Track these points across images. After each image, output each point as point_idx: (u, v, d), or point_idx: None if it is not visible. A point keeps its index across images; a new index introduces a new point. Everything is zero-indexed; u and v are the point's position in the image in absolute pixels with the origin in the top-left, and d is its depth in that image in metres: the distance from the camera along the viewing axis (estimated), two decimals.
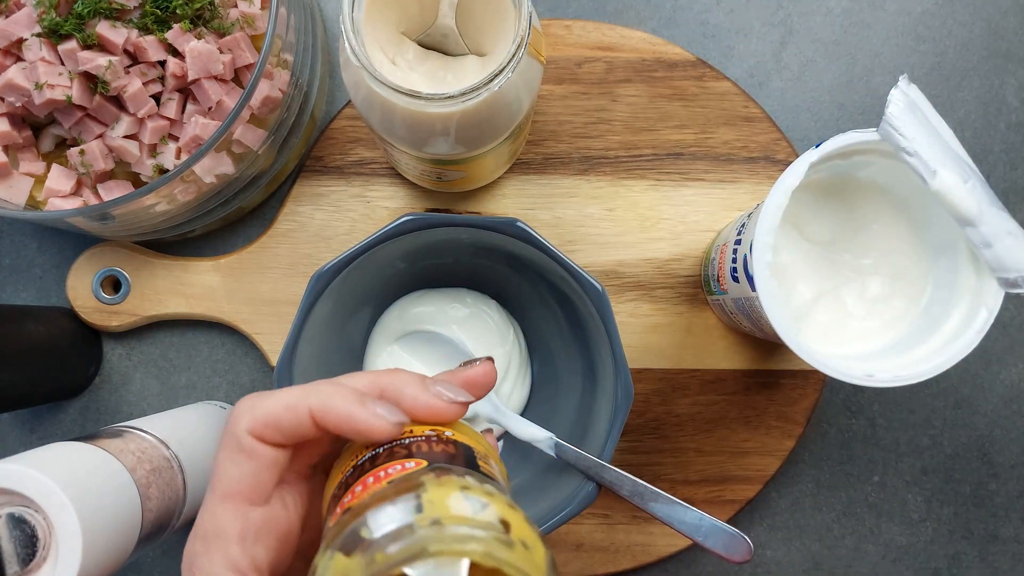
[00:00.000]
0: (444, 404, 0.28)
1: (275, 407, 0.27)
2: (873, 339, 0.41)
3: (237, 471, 0.27)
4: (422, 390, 0.28)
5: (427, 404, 0.28)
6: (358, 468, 0.26)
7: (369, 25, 0.37)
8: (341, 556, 0.22)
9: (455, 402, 0.28)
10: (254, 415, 0.27)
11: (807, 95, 0.53)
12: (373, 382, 0.28)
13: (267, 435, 0.27)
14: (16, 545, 0.32)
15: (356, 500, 0.24)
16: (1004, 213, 0.35)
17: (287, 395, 0.27)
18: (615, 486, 0.40)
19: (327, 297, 0.41)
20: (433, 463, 0.25)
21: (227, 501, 0.27)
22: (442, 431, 0.28)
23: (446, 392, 0.28)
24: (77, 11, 0.42)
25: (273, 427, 0.27)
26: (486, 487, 0.24)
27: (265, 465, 0.27)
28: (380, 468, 0.25)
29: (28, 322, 0.47)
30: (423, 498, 0.23)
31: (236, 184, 0.47)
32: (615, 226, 0.51)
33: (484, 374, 0.31)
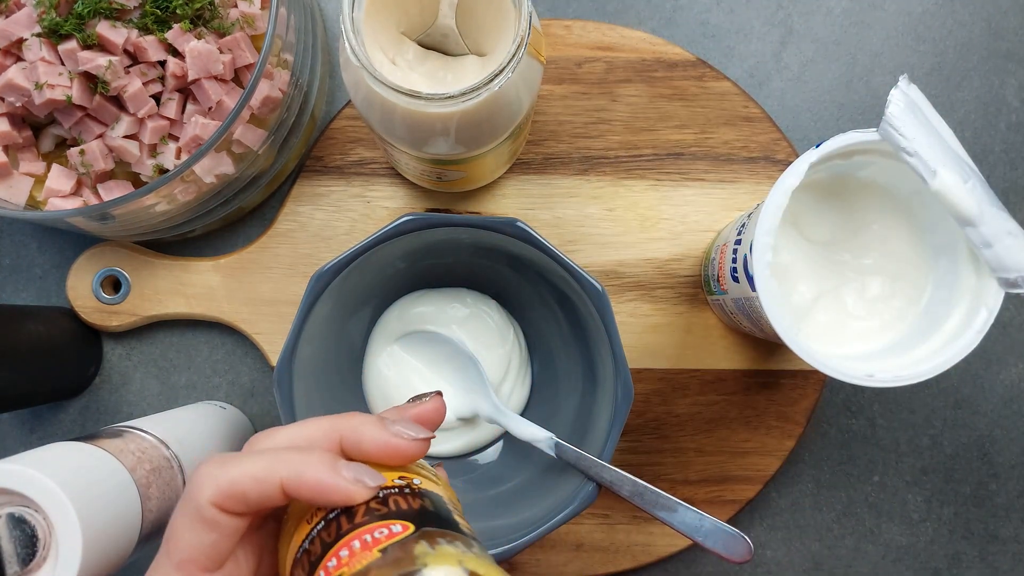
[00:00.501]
0: (406, 443, 0.27)
1: (242, 478, 0.26)
2: (873, 339, 0.41)
3: (196, 539, 0.26)
4: (382, 430, 0.27)
5: (389, 445, 0.27)
6: (331, 523, 0.26)
7: (369, 25, 0.37)
8: None
9: (417, 439, 0.28)
10: (219, 485, 0.26)
11: (807, 95, 0.53)
12: (332, 428, 0.28)
13: (231, 506, 0.26)
14: (16, 545, 0.32)
15: (348, 569, 0.24)
16: (1004, 213, 0.35)
17: (253, 465, 0.26)
18: (615, 486, 0.40)
19: (327, 297, 0.41)
20: (419, 526, 0.25)
21: (181, 569, 0.26)
22: (411, 479, 0.28)
23: (407, 431, 0.28)
24: (77, 11, 0.42)
25: (239, 499, 0.26)
26: (476, 552, 0.24)
27: (227, 535, 0.26)
28: (363, 530, 0.25)
29: (28, 322, 0.47)
30: (425, 573, 0.23)
31: (236, 184, 0.47)
32: (615, 226, 0.51)
33: (434, 410, 0.30)
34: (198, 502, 0.26)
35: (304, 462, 0.26)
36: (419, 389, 0.47)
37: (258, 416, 0.52)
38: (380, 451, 0.27)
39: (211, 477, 0.26)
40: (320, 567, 0.24)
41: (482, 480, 0.47)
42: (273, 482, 0.25)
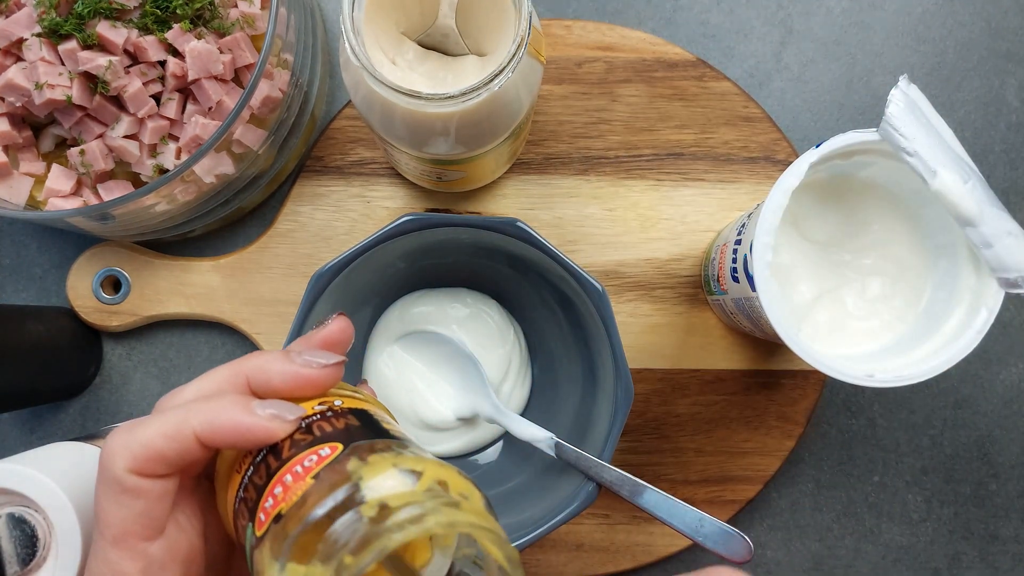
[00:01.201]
0: (316, 371, 0.26)
1: (154, 438, 0.25)
2: (873, 339, 0.41)
3: (124, 511, 0.25)
4: (289, 363, 0.26)
5: (300, 375, 0.26)
6: (259, 466, 0.25)
7: (369, 25, 0.37)
8: (296, 566, 0.22)
9: (327, 365, 0.26)
10: (132, 451, 0.25)
11: (807, 95, 0.53)
12: (235, 372, 0.27)
13: (151, 469, 0.25)
14: (16, 545, 0.32)
15: (285, 503, 0.23)
16: (1004, 213, 0.35)
17: (164, 423, 0.25)
18: (615, 486, 0.40)
19: (327, 297, 0.41)
20: (348, 444, 0.24)
21: (120, 545, 0.25)
22: (331, 401, 0.27)
23: (315, 359, 0.26)
24: (77, 11, 0.42)
25: (156, 460, 0.25)
26: (410, 452, 0.24)
27: (155, 499, 0.25)
28: (293, 462, 0.24)
29: (28, 322, 0.47)
30: (361, 486, 0.22)
31: (236, 184, 0.47)
32: (615, 226, 0.51)
33: (340, 330, 0.28)
34: (114, 473, 0.25)
35: (215, 408, 0.25)
36: (419, 389, 0.47)
37: None
38: (292, 384, 0.26)
39: (122, 445, 0.25)
40: (259, 510, 0.24)
41: (482, 480, 0.47)
42: (187, 435, 0.25)
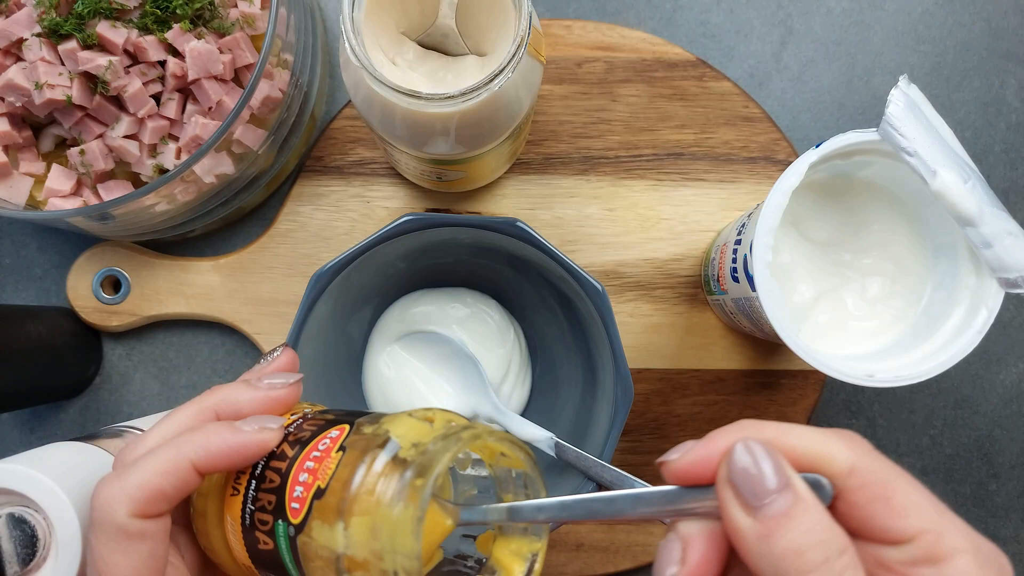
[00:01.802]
0: (281, 391, 0.28)
1: (151, 478, 0.25)
2: (873, 339, 0.41)
3: (133, 558, 0.25)
4: (253, 390, 0.28)
5: (269, 398, 0.28)
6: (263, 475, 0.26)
7: (369, 25, 0.37)
8: (359, 519, 0.24)
9: (289, 384, 0.29)
10: (130, 495, 0.25)
11: (807, 95, 0.53)
12: (201, 409, 0.28)
13: (153, 508, 0.25)
14: (16, 545, 0.32)
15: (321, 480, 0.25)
16: (1004, 213, 0.35)
17: (156, 461, 0.25)
18: (615, 486, 0.40)
19: (327, 297, 0.41)
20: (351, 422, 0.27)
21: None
22: (302, 411, 0.29)
23: (277, 380, 0.29)
24: (77, 11, 0.42)
25: (157, 498, 0.25)
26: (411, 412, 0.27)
27: (159, 540, 0.25)
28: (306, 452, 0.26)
29: (28, 322, 0.47)
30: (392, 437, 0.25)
31: (236, 184, 0.47)
32: (615, 226, 0.51)
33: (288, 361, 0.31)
34: (116, 521, 0.25)
35: (205, 435, 0.26)
36: (419, 389, 0.47)
37: None
38: (261, 407, 0.28)
39: (118, 492, 0.25)
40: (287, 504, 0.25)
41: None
42: (184, 467, 0.25)
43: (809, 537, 0.22)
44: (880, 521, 0.24)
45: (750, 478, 0.23)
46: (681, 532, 0.25)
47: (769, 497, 0.23)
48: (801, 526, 0.22)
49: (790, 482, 0.23)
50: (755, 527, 0.23)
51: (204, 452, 0.25)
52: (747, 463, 0.23)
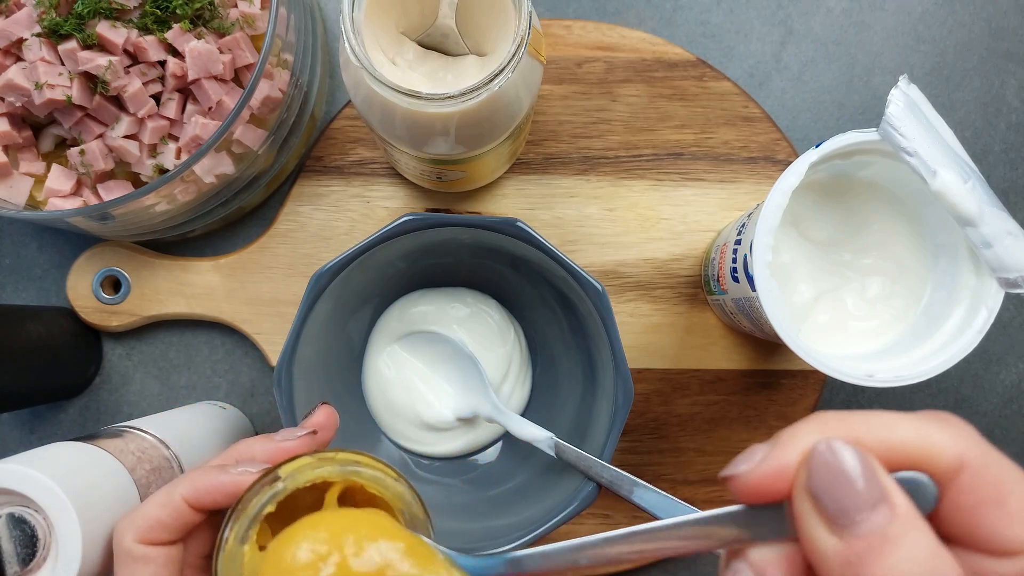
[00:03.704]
0: (293, 443, 0.31)
1: (151, 509, 0.29)
2: (873, 339, 0.41)
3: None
4: (268, 442, 0.31)
5: (279, 448, 0.31)
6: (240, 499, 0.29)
7: (369, 25, 0.37)
8: (233, 538, 0.27)
9: (302, 436, 0.32)
10: (136, 525, 0.29)
11: (807, 95, 0.53)
12: (225, 455, 0.31)
13: (154, 536, 0.29)
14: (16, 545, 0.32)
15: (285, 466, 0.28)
16: (1004, 213, 0.35)
17: (157, 495, 0.30)
18: (615, 486, 0.40)
19: (327, 297, 0.41)
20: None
21: None
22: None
23: (288, 434, 0.32)
24: (77, 11, 0.42)
25: (157, 527, 0.29)
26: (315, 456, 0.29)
27: (163, 564, 0.29)
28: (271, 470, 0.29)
29: (28, 322, 0.47)
30: (278, 471, 0.28)
31: (236, 184, 0.47)
32: (615, 226, 0.51)
33: (327, 416, 0.34)
34: (124, 546, 0.29)
35: (196, 475, 0.30)
36: (419, 389, 0.47)
37: (258, 416, 0.52)
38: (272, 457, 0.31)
39: (127, 522, 0.30)
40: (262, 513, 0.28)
41: (482, 480, 0.47)
42: (176, 500, 0.29)
43: (911, 567, 0.18)
44: (989, 529, 0.20)
45: (835, 488, 0.19)
46: (754, 561, 0.21)
47: (860, 514, 0.19)
48: (901, 551, 0.18)
49: (886, 493, 0.19)
50: (842, 549, 0.19)
51: (192, 488, 0.29)
52: (831, 469, 0.19)
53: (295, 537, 0.25)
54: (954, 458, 0.20)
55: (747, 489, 0.21)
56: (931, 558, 0.18)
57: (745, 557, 0.21)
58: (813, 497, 0.19)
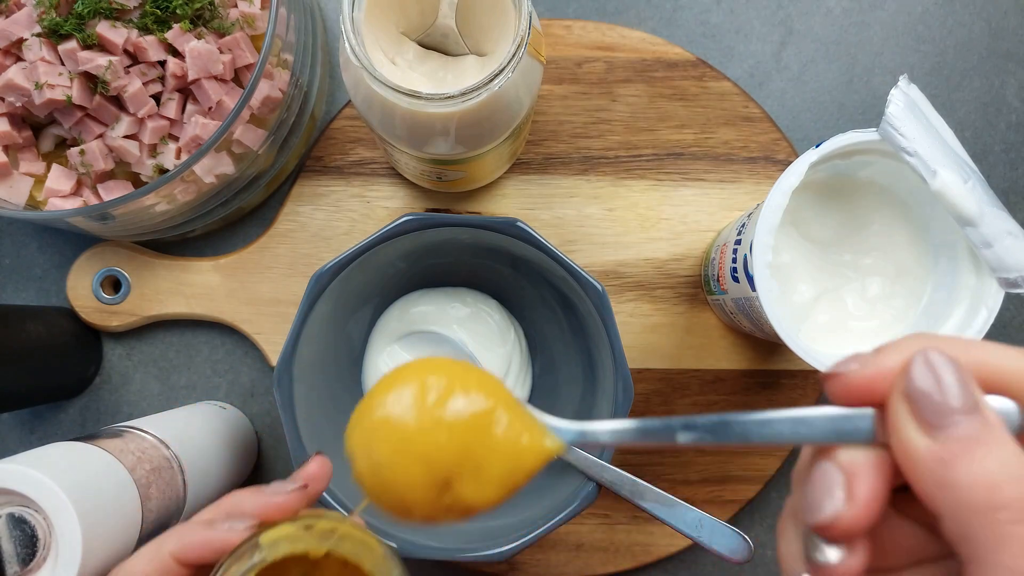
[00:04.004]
0: (284, 497, 0.31)
1: (137, 564, 0.29)
2: (873, 339, 0.41)
3: None
4: (259, 495, 0.31)
5: (269, 503, 0.31)
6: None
7: (369, 25, 0.37)
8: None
9: (293, 490, 0.31)
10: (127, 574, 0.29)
11: (807, 95, 0.53)
12: (215, 509, 0.31)
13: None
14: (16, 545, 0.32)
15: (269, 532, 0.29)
16: (1004, 213, 0.35)
17: (144, 550, 0.29)
18: (615, 486, 0.40)
19: (327, 297, 0.41)
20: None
21: None
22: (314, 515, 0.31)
23: (279, 487, 0.31)
24: (77, 11, 0.42)
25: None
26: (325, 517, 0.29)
27: None
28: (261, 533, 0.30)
29: (28, 322, 0.47)
30: (258, 539, 0.28)
31: (236, 184, 0.47)
32: (615, 226, 0.51)
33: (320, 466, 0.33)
34: None
35: (183, 530, 0.29)
36: None
37: (258, 416, 0.52)
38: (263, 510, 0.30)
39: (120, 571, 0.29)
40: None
41: None
42: (164, 555, 0.29)
43: (1005, 469, 0.19)
44: None
45: (932, 393, 0.20)
46: (843, 461, 0.22)
47: (955, 416, 0.20)
48: (993, 454, 0.19)
49: (979, 403, 0.20)
50: (935, 449, 0.20)
51: (179, 544, 0.29)
52: (929, 376, 0.20)
53: None
54: None
55: (847, 389, 0.22)
56: (1019, 463, 0.19)
57: (833, 457, 0.22)
58: (910, 400, 0.20)
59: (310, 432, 0.41)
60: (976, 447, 0.19)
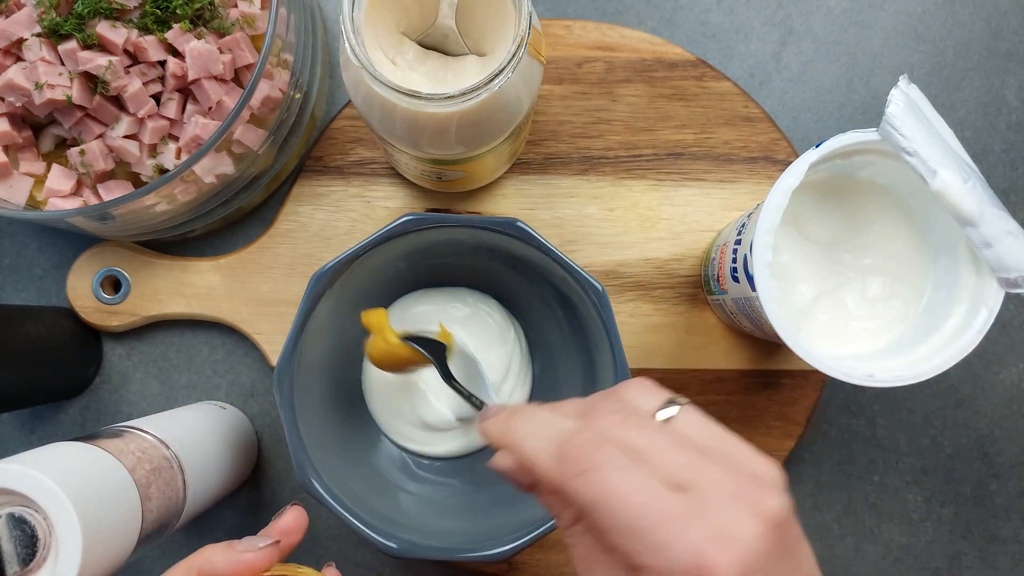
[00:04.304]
0: (255, 554, 0.32)
1: None
2: (873, 339, 0.41)
3: None
4: (230, 552, 0.32)
5: (240, 561, 0.31)
6: None
7: (369, 25, 0.37)
8: None
9: (264, 547, 0.32)
10: None
11: (807, 95, 0.53)
12: (188, 569, 0.31)
13: None
14: (16, 545, 0.32)
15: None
16: (1004, 213, 0.35)
17: None
18: None
19: (327, 297, 0.41)
20: None
21: None
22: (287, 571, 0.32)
23: (251, 544, 0.32)
24: (77, 11, 0.42)
25: None
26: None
27: None
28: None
29: (28, 322, 0.47)
30: None
31: (236, 184, 0.47)
32: (615, 226, 0.51)
33: (295, 518, 0.34)
34: None
35: None
36: (419, 389, 0.47)
37: (258, 416, 0.52)
38: (234, 568, 0.31)
39: None
40: None
41: (482, 480, 0.47)
42: None
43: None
44: None
45: None
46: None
47: None
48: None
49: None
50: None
51: None
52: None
53: None
54: None
55: None
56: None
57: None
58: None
59: (310, 432, 0.41)
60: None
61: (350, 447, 0.45)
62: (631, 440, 0.25)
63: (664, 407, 0.27)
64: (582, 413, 0.27)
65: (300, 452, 0.40)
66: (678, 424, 0.27)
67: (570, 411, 0.28)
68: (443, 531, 0.42)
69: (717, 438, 0.27)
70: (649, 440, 0.25)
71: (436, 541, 0.40)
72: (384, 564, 0.52)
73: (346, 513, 0.39)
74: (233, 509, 0.52)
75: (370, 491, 0.43)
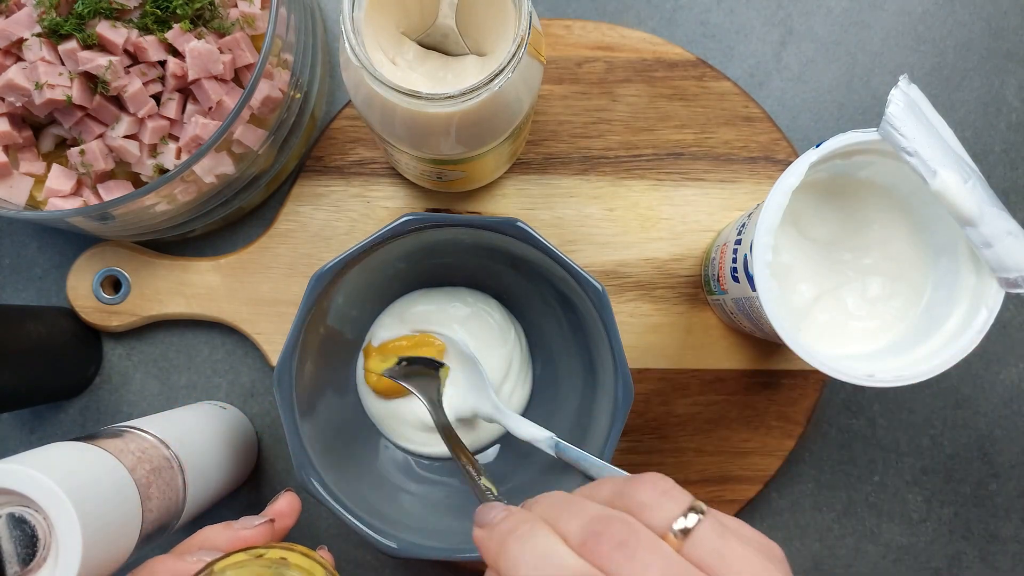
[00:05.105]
0: (251, 531, 0.34)
1: None
2: (873, 339, 0.41)
3: None
4: (228, 530, 0.33)
5: (237, 537, 0.33)
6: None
7: (369, 25, 0.37)
8: None
9: (259, 524, 0.34)
10: None
11: (807, 95, 0.53)
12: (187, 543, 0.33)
13: None
14: (16, 545, 0.32)
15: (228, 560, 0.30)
16: (1004, 213, 0.35)
17: None
18: None
19: (327, 297, 0.41)
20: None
21: None
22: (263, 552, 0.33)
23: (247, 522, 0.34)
24: (77, 11, 0.42)
25: None
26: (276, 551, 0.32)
27: None
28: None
29: (28, 322, 0.47)
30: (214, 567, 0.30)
31: (236, 184, 0.47)
32: (615, 226, 0.51)
33: (289, 503, 0.36)
34: None
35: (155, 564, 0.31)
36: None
37: (258, 416, 0.52)
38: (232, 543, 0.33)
39: None
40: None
41: None
42: None
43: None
44: None
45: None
46: None
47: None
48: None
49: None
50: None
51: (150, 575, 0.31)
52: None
53: None
54: None
55: None
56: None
57: None
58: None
59: (310, 432, 0.41)
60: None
61: (350, 447, 0.45)
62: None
63: (684, 515, 0.26)
64: (591, 533, 0.24)
65: (300, 452, 0.40)
66: (696, 542, 0.25)
67: (576, 530, 0.25)
68: (443, 531, 0.42)
69: (737, 560, 0.24)
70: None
71: (436, 541, 0.40)
72: (384, 564, 0.52)
73: (346, 513, 0.39)
74: (233, 509, 0.52)
75: (370, 491, 0.43)
